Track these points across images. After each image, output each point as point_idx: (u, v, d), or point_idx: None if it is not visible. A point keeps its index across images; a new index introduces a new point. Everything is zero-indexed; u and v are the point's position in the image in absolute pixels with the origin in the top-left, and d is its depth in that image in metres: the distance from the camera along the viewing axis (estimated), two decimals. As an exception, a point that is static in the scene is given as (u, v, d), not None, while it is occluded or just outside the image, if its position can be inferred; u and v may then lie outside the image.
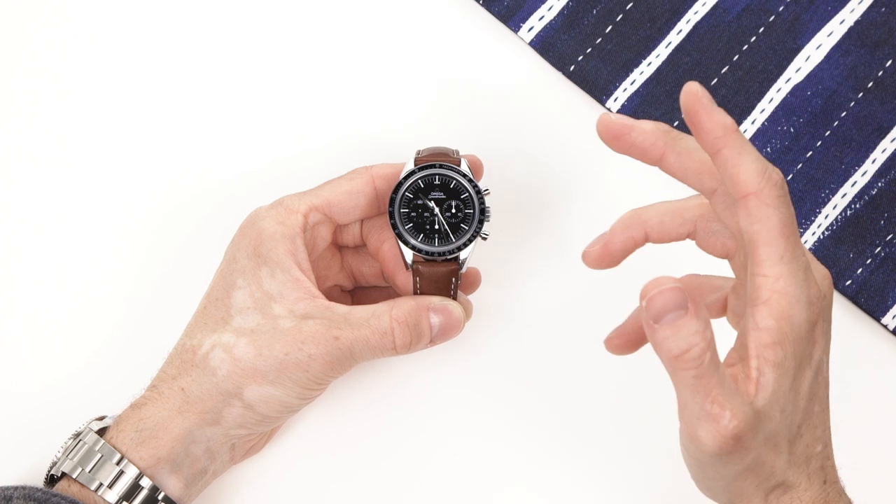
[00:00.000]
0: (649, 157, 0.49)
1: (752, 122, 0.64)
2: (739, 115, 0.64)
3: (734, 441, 0.44)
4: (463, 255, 0.55)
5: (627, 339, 0.53)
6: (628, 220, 0.52)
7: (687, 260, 0.55)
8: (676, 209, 0.52)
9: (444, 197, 0.55)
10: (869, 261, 0.62)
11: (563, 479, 0.60)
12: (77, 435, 0.54)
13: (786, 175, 0.63)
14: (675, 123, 0.64)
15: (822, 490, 0.48)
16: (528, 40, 0.66)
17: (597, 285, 0.62)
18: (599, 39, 0.66)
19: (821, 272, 0.48)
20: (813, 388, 0.47)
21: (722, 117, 0.45)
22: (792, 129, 0.64)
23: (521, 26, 0.66)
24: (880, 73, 0.65)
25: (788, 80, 0.65)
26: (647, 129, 0.49)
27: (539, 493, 0.59)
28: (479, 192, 0.55)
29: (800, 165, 0.64)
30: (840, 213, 0.63)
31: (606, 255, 0.52)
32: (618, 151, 0.49)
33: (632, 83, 0.65)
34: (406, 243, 0.55)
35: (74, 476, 0.52)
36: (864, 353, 0.61)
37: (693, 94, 0.45)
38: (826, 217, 0.63)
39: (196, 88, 0.66)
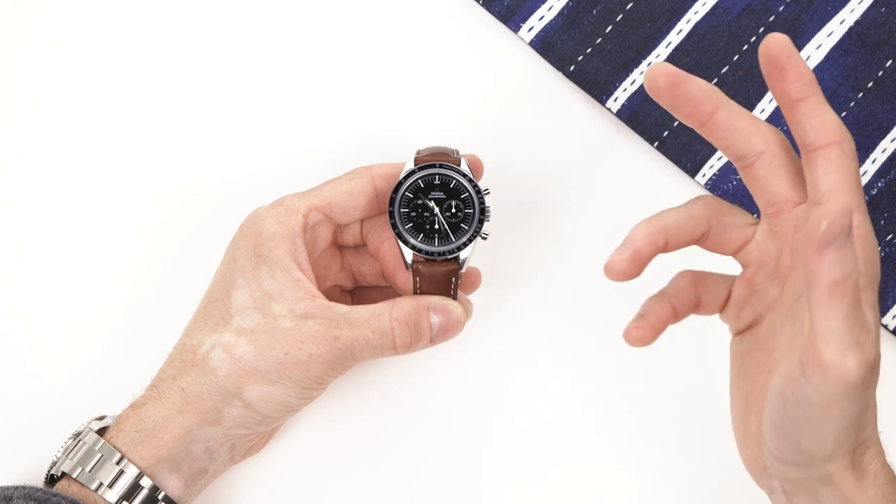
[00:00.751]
0: (700, 111, 0.49)
1: (752, 122, 0.64)
2: (739, 115, 0.64)
3: (871, 370, 0.44)
4: (463, 254, 0.55)
5: (653, 326, 0.51)
6: (649, 227, 0.51)
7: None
8: (688, 211, 0.51)
9: (444, 197, 0.55)
10: (869, 261, 0.62)
11: (563, 479, 0.60)
12: (77, 435, 0.54)
13: (786, 175, 0.63)
14: (676, 123, 0.64)
15: (885, 450, 0.48)
16: (528, 40, 0.66)
17: (597, 285, 0.62)
18: (599, 39, 0.66)
19: None
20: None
21: (807, 69, 0.47)
22: (792, 129, 0.64)
23: (521, 26, 0.66)
24: (880, 73, 0.65)
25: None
26: (703, 83, 0.49)
27: (539, 492, 0.59)
28: (479, 191, 0.55)
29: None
30: (840, 213, 0.63)
31: (636, 263, 0.50)
32: (667, 103, 0.49)
33: (632, 83, 0.65)
34: (406, 243, 0.55)
35: (74, 476, 0.52)
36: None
37: (780, 43, 0.46)
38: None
39: (196, 89, 0.66)
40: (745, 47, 0.65)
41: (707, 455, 0.59)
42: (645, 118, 0.65)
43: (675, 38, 0.66)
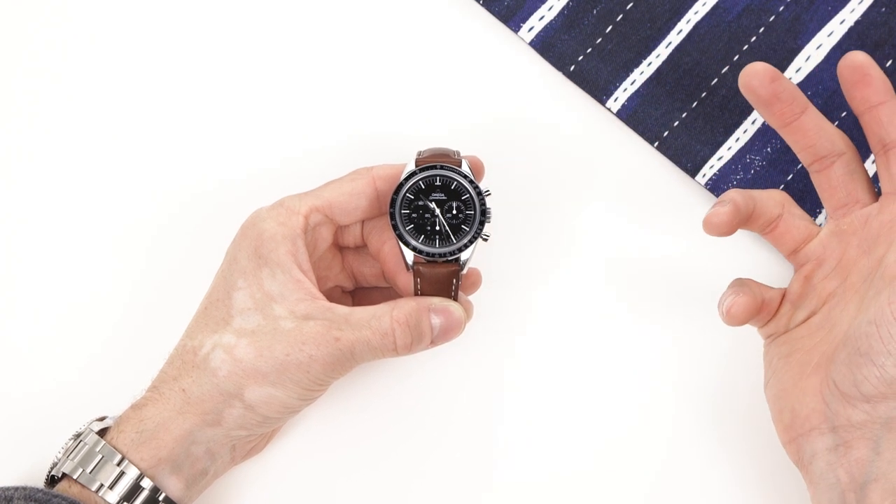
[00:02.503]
0: (792, 110, 0.53)
1: (753, 122, 0.64)
2: (740, 115, 0.64)
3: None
4: (464, 256, 0.55)
5: (755, 302, 0.54)
6: (742, 192, 0.54)
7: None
8: (769, 193, 0.55)
9: (444, 198, 0.55)
10: (869, 261, 0.62)
11: (563, 479, 0.60)
12: (78, 436, 0.54)
13: (786, 175, 0.63)
14: (676, 123, 0.64)
15: None
16: (529, 40, 0.66)
17: (598, 286, 0.62)
18: (599, 39, 0.66)
19: None
20: None
21: (885, 77, 0.52)
22: (792, 130, 0.64)
23: (521, 26, 0.66)
24: (880, 74, 0.65)
25: (789, 79, 0.65)
26: (793, 84, 0.53)
27: (540, 493, 0.59)
28: (479, 193, 0.55)
29: (800, 165, 0.64)
30: (840, 214, 0.63)
31: (736, 217, 0.53)
32: (763, 100, 0.53)
33: (632, 83, 0.65)
34: (407, 244, 0.55)
35: (75, 477, 0.52)
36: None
37: (862, 56, 0.52)
38: (826, 217, 0.63)
39: (197, 89, 0.66)
40: (745, 47, 0.65)
41: (708, 454, 0.60)
42: (645, 118, 0.65)
43: (675, 38, 0.66)
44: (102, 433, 0.54)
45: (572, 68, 0.65)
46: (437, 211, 0.55)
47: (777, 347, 0.55)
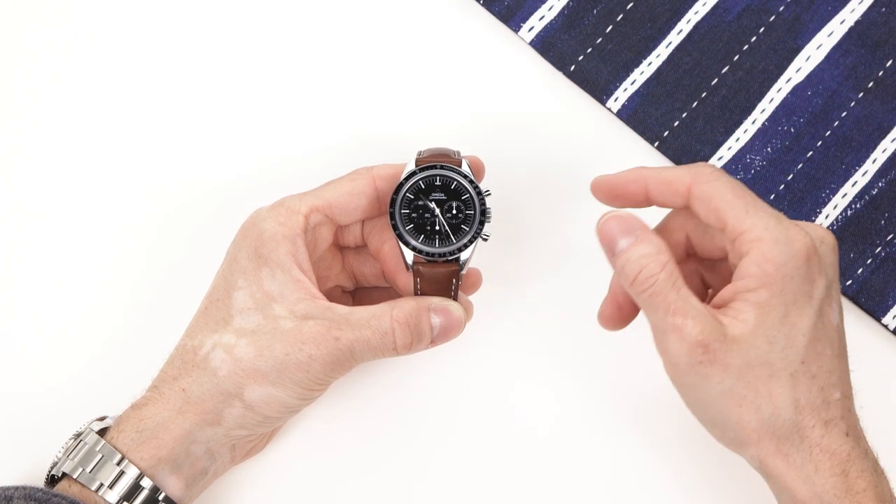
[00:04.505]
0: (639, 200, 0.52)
1: (753, 122, 0.64)
2: (740, 115, 0.64)
3: (702, 348, 0.47)
4: (463, 256, 0.55)
5: (618, 309, 0.54)
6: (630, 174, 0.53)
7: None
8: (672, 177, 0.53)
9: (444, 198, 0.55)
10: (869, 261, 0.62)
11: (564, 479, 0.60)
12: (78, 435, 0.54)
13: (786, 175, 0.63)
14: (676, 123, 0.64)
15: (843, 442, 0.49)
16: (529, 40, 0.66)
17: (598, 285, 0.62)
18: (600, 39, 0.66)
19: (811, 226, 0.51)
20: (818, 329, 0.49)
21: (626, 170, 0.52)
22: (792, 129, 0.64)
23: (521, 26, 0.66)
24: (881, 73, 0.65)
25: (789, 79, 0.65)
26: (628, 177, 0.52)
27: (540, 493, 0.59)
28: (479, 192, 0.55)
29: (800, 165, 0.64)
30: (840, 213, 0.63)
31: (620, 320, 0.54)
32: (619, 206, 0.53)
33: (632, 83, 0.65)
34: (407, 244, 0.55)
35: (75, 476, 0.52)
36: (864, 353, 0.61)
37: (595, 182, 0.53)
38: (826, 217, 0.63)
39: (197, 89, 0.66)
40: (746, 47, 0.65)
41: (708, 454, 0.59)
42: (645, 118, 0.65)
43: (675, 38, 0.66)
44: (102, 433, 0.54)
45: (572, 68, 0.65)
46: (437, 211, 0.55)
47: None
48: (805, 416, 0.49)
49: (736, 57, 0.65)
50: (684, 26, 0.66)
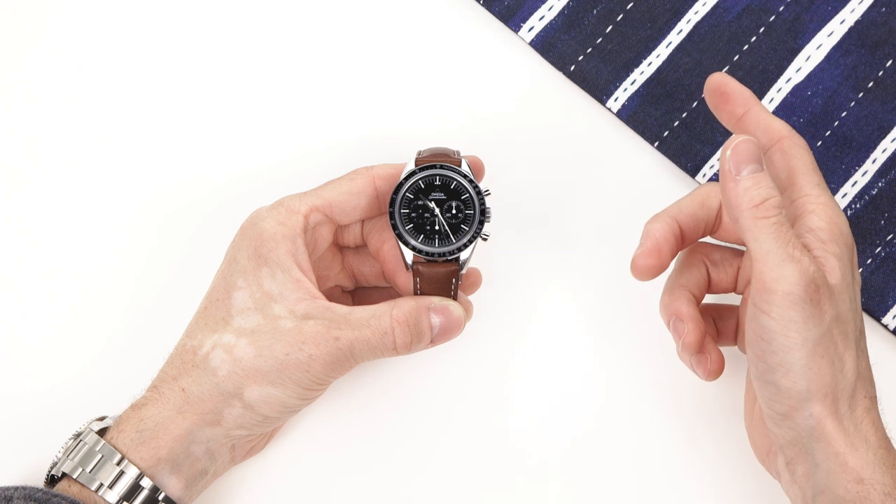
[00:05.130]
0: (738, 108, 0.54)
1: (753, 122, 0.64)
2: (740, 115, 0.64)
3: (814, 287, 0.47)
4: (463, 255, 0.55)
5: (658, 255, 0.54)
6: (661, 217, 0.54)
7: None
8: (697, 197, 0.55)
9: (444, 197, 0.55)
10: (869, 261, 0.62)
11: (563, 480, 0.60)
12: (77, 435, 0.54)
13: (786, 175, 0.63)
14: (676, 123, 0.64)
15: (881, 419, 0.50)
16: (529, 40, 0.66)
17: (598, 285, 0.62)
18: (600, 39, 0.66)
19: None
20: (857, 303, 0.51)
21: (744, 88, 0.54)
22: (792, 129, 0.64)
23: (521, 26, 0.66)
24: (880, 73, 0.65)
25: (789, 79, 0.65)
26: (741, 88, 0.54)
27: (540, 493, 0.59)
28: (479, 192, 0.55)
29: (800, 165, 0.64)
30: (840, 214, 0.63)
31: (657, 255, 0.54)
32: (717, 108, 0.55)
33: (632, 83, 0.65)
34: (406, 244, 0.55)
35: (75, 476, 0.52)
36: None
37: (720, 76, 0.54)
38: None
39: (197, 89, 0.66)
40: (746, 47, 0.65)
41: (708, 453, 0.59)
42: (645, 118, 0.65)
43: (675, 38, 0.66)
44: (102, 433, 0.54)
45: (572, 68, 0.65)
46: (437, 210, 0.55)
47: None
48: (859, 386, 0.49)
49: (736, 57, 0.65)
50: (684, 26, 0.66)
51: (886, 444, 0.49)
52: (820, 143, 0.64)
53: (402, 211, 0.55)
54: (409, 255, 0.55)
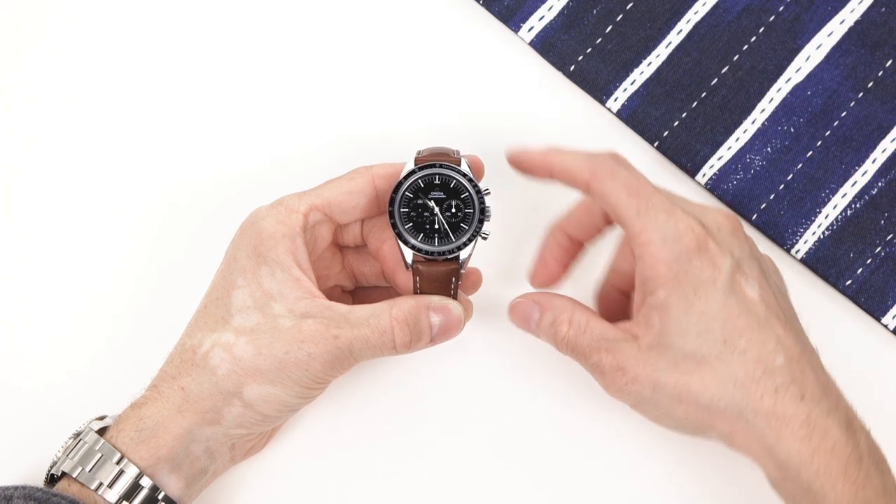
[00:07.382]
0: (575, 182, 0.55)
1: (753, 122, 0.64)
2: (740, 115, 0.64)
3: (620, 372, 0.51)
4: (463, 254, 0.55)
5: (548, 266, 0.58)
6: (552, 231, 0.58)
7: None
8: (583, 206, 0.58)
9: (444, 197, 0.55)
10: (869, 260, 0.62)
11: (563, 480, 0.60)
12: (77, 434, 0.54)
13: (786, 175, 0.63)
14: (676, 123, 0.64)
15: (799, 406, 0.50)
16: (529, 40, 0.66)
17: (598, 285, 0.62)
18: (599, 39, 0.66)
19: (709, 213, 0.53)
20: (731, 307, 0.51)
21: (537, 147, 0.55)
22: (792, 129, 0.64)
23: (521, 26, 0.66)
24: (880, 73, 0.65)
25: (789, 79, 0.65)
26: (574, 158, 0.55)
27: (540, 492, 0.59)
28: (479, 191, 0.55)
29: (800, 165, 0.64)
30: (840, 213, 0.63)
31: (546, 271, 0.59)
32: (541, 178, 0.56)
33: (632, 83, 0.65)
34: (406, 243, 0.55)
35: (74, 475, 0.52)
36: (864, 353, 0.61)
37: (511, 150, 0.55)
38: (826, 217, 0.63)
39: (197, 89, 0.66)
40: (745, 47, 0.65)
41: (707, 455, 0.59)
42: (645, 118, 0.65)
43: (675, 38, 0.66)
44: (102, 432, 0.54)
45: (572, 68, 0.65)
46: (437, 209, 0.55)
47: None
48: (750, 390, 0.50)
49: (736, 57, 0.65)
50: (684, 26, 0.66)
51: (804, 432, 0.50)
52: (820, 143, 0.64)
53: (402, 210, 0.55)
54: (408, 255, 0.55)
